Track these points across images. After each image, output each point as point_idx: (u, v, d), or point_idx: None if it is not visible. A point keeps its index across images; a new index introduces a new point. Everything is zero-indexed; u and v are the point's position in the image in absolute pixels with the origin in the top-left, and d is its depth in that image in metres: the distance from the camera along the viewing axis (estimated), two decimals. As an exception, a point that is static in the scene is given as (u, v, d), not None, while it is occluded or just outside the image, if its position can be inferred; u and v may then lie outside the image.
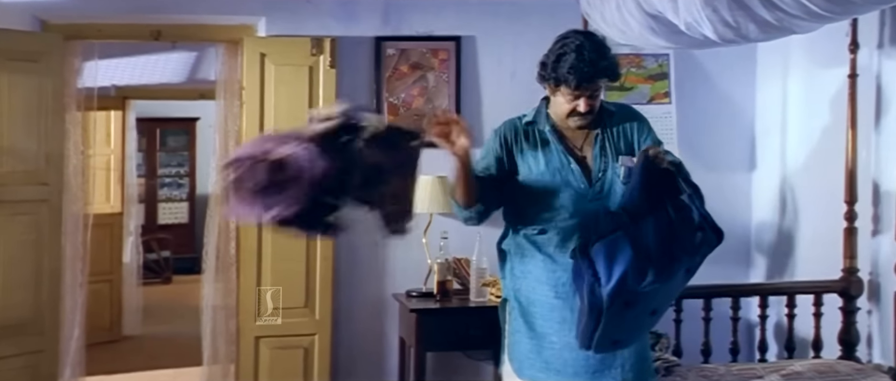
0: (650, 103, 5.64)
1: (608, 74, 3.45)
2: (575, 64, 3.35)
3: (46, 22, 5.50)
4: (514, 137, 3.57)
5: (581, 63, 3.35)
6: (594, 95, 3.46)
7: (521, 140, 3.56)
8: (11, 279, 5.18)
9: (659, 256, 3.09)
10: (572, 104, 3.43)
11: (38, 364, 5.32)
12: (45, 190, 5.34)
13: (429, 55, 5.57)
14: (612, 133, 3.54)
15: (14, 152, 5.20)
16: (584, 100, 3.43)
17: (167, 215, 13.09)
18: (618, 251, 3.10)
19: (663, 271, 3.12)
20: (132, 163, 8.99)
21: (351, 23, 5.52)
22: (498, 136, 3.61)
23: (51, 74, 5.35)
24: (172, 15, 5.50)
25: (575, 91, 3.40)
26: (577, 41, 3.40)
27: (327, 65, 5.34)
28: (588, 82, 3.40)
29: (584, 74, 3.36)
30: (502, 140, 3.58)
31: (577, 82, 3.37)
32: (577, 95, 3.42)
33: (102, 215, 7.84)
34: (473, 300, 5.15)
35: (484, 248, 5.09)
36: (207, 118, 10.61)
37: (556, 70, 3.40)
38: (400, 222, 3.31)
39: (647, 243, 3.09)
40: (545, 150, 3.53)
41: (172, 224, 13.01)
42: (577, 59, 3.36)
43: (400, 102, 5.53)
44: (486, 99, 5.64)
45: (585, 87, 3.40)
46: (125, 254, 8.62)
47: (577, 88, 3.39)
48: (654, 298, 3.22)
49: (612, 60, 3.44)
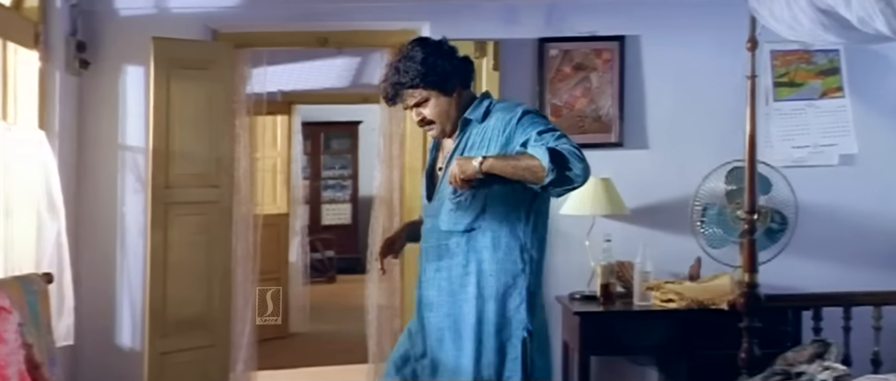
0: (822, 98, 5.50)
1: (414, 83, 3.39)
2: (382, 81, 3.46)
3: (217, 31, 5.65)
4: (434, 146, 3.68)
5: (384, 81, 3.45)
6: (421, 104, 3.44)
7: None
8: (185, 277, 5.34)
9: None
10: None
11: (211, 359, 5.46)
12: (215, 192, 5.48)
13: (592, 56, 5.51)
14: (467, 141, 3.44)
15: (187, 156, 5.36)
16: (413, 111, 3.47)
17: (331, 216, 13.36)
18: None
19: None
20: (297, 165, 9.21)
21: (514, 25, 5.50)
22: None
23: (221, 80, 5.49)
24: (339, 22, 5.59)
25: (403, 107, 3.50)
26: (399, 55, 3.45)
27: (491, 67, 5.35)
28: (391, 100, 3.45)
29: (386, 91, 3.44)
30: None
31: (386, 100, 3.47)
32: (406, 107, 3.49)
33: (270, 215, 8.05)
34: (637, 304, 5.07)
35: (648, 252, 5.02)
36: (370, 122, 10.79)
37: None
38: None
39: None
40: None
41: (336, 225, 13.28)
42: (384, 78, 3.46)
43: (563, 104, 5.49)
44: (650, 100, 5.54)
45: (395, 103, 3.46)
46: (291, 253, 8.84)
47: (394, 105, 3.51)
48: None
49: (418, 69, 3.37)
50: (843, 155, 5.50)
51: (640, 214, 5.44)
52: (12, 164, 4.77)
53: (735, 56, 4.62)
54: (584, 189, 5.15)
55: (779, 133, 5.47)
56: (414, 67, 3.38)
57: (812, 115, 5.50)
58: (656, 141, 5.54)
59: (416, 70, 3.37)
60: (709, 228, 5.21)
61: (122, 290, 5.51)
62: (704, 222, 5.21)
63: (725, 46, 5.23)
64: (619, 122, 5.49)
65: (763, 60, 5.27)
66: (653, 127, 5.53)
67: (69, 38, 5.24)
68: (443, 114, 3.44)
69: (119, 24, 5.48)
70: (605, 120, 5.49)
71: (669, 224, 5.40)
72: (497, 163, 3.19)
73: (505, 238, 3.38)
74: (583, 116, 5.49)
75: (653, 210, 5.47)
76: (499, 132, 3.35)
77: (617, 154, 5.48)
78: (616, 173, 5.30)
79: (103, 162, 5.49)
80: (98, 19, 5.45)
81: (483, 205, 3.36)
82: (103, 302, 5.49)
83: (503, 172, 3.19)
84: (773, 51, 5.43)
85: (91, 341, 5.45)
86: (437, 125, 3.46)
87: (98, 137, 5.49)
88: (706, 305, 4.92)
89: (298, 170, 9.30)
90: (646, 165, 5.51)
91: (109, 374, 5.46)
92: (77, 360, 5.43)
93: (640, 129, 5.53)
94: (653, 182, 5.49)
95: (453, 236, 3.41)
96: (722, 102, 5.36)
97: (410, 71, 3.38)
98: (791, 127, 5.48)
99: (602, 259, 5.15)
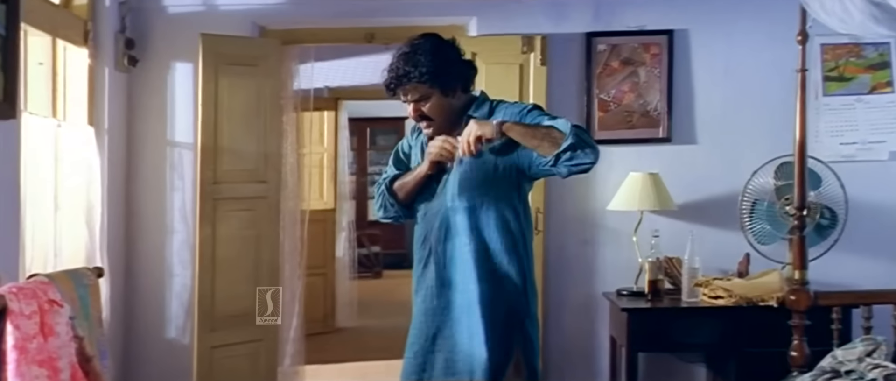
0: (871, 94, 5.44)
1: (422, 80, 3.37)
2: (387, 69, 3.43)
3: (264, 28, 5.68)
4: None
5: (390, 71, 3.42)
6: (420, 100, 3.42)
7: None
8: (234, 272, 5.38)
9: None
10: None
11: (259, 352, 5.49)
12: (263, 187, 5.51)
13: (640, 50, 5.47)
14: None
15: (235, 152, 5.39)
16: (411, 106, 3.45)
17: (377, 212, 13.37)
18: None
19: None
20: (344, 161, 9.24)
21: (561, 20, 5.48)
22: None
23: (269, 77, 5.52)
24: (385, 18, 5.60)
25: (401, 99, 3.47)
26: (405, 48, 3.43)
27: (538, 62, 5.34)
28: (392, 91, 3.43)
29: (389, 82, 3.42)
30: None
31: (386, 88, 3.45)
32: (404, 102, 3.46)
33: (316, 211, 8.10)
34: (685, 301, 5.02)
35: (696, 247, 4.98)
36: (416, 117, 10.76)
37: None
38: None
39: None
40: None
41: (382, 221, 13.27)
42: (390, 67, 3.42)
43: (610, 99, 5.46)
44: (699, 94, 5.49)
45: (397, 93, 3.43)
46: (338, 249, 8.88)
47: (394, 96, 3.46)
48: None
49: (428, 66, 3.36)
50: (894, 151, 5.42)
51: (689, 209, 5.39)
52: (62, 160, 4.84)
53: (784, 50, 4.56)
54: (631, 184, 5.18)
55: (827, 129, 5.41)
56: (424, 63, 3.37)
57: (861, 110, 5.43)
58: (705, 136, 5.49)
59: (426, 66, 3.37)
60: (757, 224, 5.16)
61: (172, 285, 5.56)
62: (753, 217, 5.16)
63: (775, 40, 5.18)
64: (667, 117, 5.45)
65: (813, 54, 5.21)
66: (701, 122, 5.49)
67: (118, 36, 5.30)
68: (442, 113, 3.45)
69: (167, 21, 5.53)
70: (654, 115, 5.46)
71: (718, 220, 5.36)
72: (515, 128, 3.23)
73: (506, 217, 3.40)
74: (631, 111, 5.46)
75: (701, 206, 5.43)
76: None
77: (665, 149, 5.45)
78: (664, 169, 5.27)
79: (152, 158, 5.55)
80: (146, 16, 5.50)
81: (483, 182, 3.39)
82: (153, 297, 5.56)
83: (522, 136, 3.23)
84: (823, 44, 5.36)
85: (141, 335, 5.53)
86: (435, 123, 3.46)
87: (147, 133, 5.55)
88: (755, 302, 4.88)
89: (345, 165, 9.33)
90: (694, 160, 5.46)
91: (159, 367, 5.52)
92: (128, 353, 5.50)
93: (689, 123, 5.49)
94: (701, 177, 5.45)
95: (458, 213, 3.42)
96: (771, 97, 5.31)
97: (420, 66, 3.37)
98: (840, 123, 5.41)
99: (650, 255, 5.12)
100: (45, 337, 3.33)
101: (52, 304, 3.40)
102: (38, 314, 3.31)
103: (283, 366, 5.85)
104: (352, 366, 7.31)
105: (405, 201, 3.61)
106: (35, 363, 3.25)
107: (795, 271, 4.24)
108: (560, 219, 5.46)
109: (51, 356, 3.34)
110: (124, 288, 5.48)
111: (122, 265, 5.46)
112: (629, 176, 5.24)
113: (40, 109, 4.72)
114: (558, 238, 5.44)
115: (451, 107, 3.46)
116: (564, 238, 5.43)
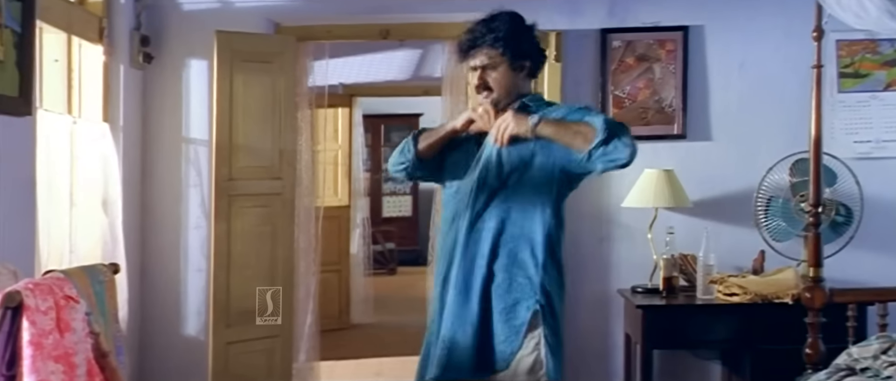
0: (887, 90, 5.42)
1: (495, 44, 3.41)
2: (465, 32, 3.46)
3: (279, 24, 5.69)
4: None
5: (468, 32, 3.45)
6: (487, 68, 3.43)
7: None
8: (249, 268, 5.39)
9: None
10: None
11: (275, 348, 5.50)
12: (278, 184, 5.52)
13: (655, 46, 5.46)
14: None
15: (250, 149, 5.40)
16: (475, 74, 3.45)
17: (391, 209, 13.41)
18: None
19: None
20: (358, 158, 9.27)
21: (576, 16, 5.47)
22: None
23: (283, 73, 5.52)
24: (400, 14, 5.60)
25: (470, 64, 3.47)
26: (492, 15, 3.47)
27: (553, 58, 5.31)
28: (464, 53, 3.44)
29: (463, 43, 3.44)
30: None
31: (459, 50, 3.48)
32: (472, 68, 3.47)
33: (331, 207, 8.12)
34: (700, 298, 5.02)
35: (711, 244, 4.97)
36: (430, 114, 10.79)
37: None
38: None
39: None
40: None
41: (396, 217, 13.32)
42: (468, 29, 3.46)
43: (625, 95, 5.45)
44: (714, 90, 5.48)
45: (467, 57, 3.45)
46: (352, 245, 8.89)
47: (464, 59, 3.48)
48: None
49: (505, 32, 3.42)
50: (908, 150, 5.41)
51: (703, 206, 5.38)
52: (78, 157, 4.86)
53: (800, 46, 4.54)
54: (646, 181, 5.16)
55: (842, 126, 5.39)
56: (501, 29, 3.41)
57: (876, 108, 5.40)
58: (720, 132, 5.48)
59: (502, 32, 3.41)
60: (773, 220, 5.14)
61: (187, 281, 5.58)
62: (768, 214, 5.14)
63: (790, 36, 5.18)
64: (682, 113, 5.44)
65: (828, 50, 5.18)
66: (716, 118, 5.47)
67: (133, 33, 5.31)
68: (504, 86, 3.45)
69: (182, 19, 5.54)
70: (668, 111, 5.44)
71: (733, 217, 5.34)
72: (549, 126, 3.25)
73: (535, 207, 3.43)
74: (646, 107, 5.45)
75: (716, 203, 5.41)
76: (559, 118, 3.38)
77: (680, 146, 5.44)
78: (679, 165, 5.26)
79: (167, 155, 5.57)
80: (162, 14, 5.52)
81: (518, 168, 3.40)
82: (169, 293, 5.57)
83: (555, 134, 3.25)
84: (838, 40, 5.34)
85: (157, 330, 5.54)
86: (494, 94, 3.45)
87: (162, 130, 5.57)
88: (770, 299, 4.87)
89: (359, 162, 9.36)
90: (709, 156, 5.45)
91: (175, 363, 5.54)
92: (144, 349, 5.52)
93: (704, 120, 5.47)
94: (716, 174, 5.44)
95: (485, 195, 3.44)
96: (786, 94, 5.30)
97: (497, 31, 3.41)
98: (854, 120, 5.39)
99: (665, 252, 5.11)
100: (61, 333, 3.34)
101: (68, 300, 3.41)
102: (54, 310, 3.32)
103: (299, 362, 5.86)
104: (367, 362, 7.33)
105: (425, 153, 3.56)
106: (51, 358, 3.26)
107: (811, 269, 4.22)
108: (575, 216, 5.40)
109: (67, 352, 3.34)
110: (140, 284, 5.51)
111: (138, 261, 5.48)
112: (644, 173, 5.23)
113: (55, 106, 4.75)
114: (573, 235, 5.38)
115: (514, 84, 3.47)
116: (579, 235, 5.42)
